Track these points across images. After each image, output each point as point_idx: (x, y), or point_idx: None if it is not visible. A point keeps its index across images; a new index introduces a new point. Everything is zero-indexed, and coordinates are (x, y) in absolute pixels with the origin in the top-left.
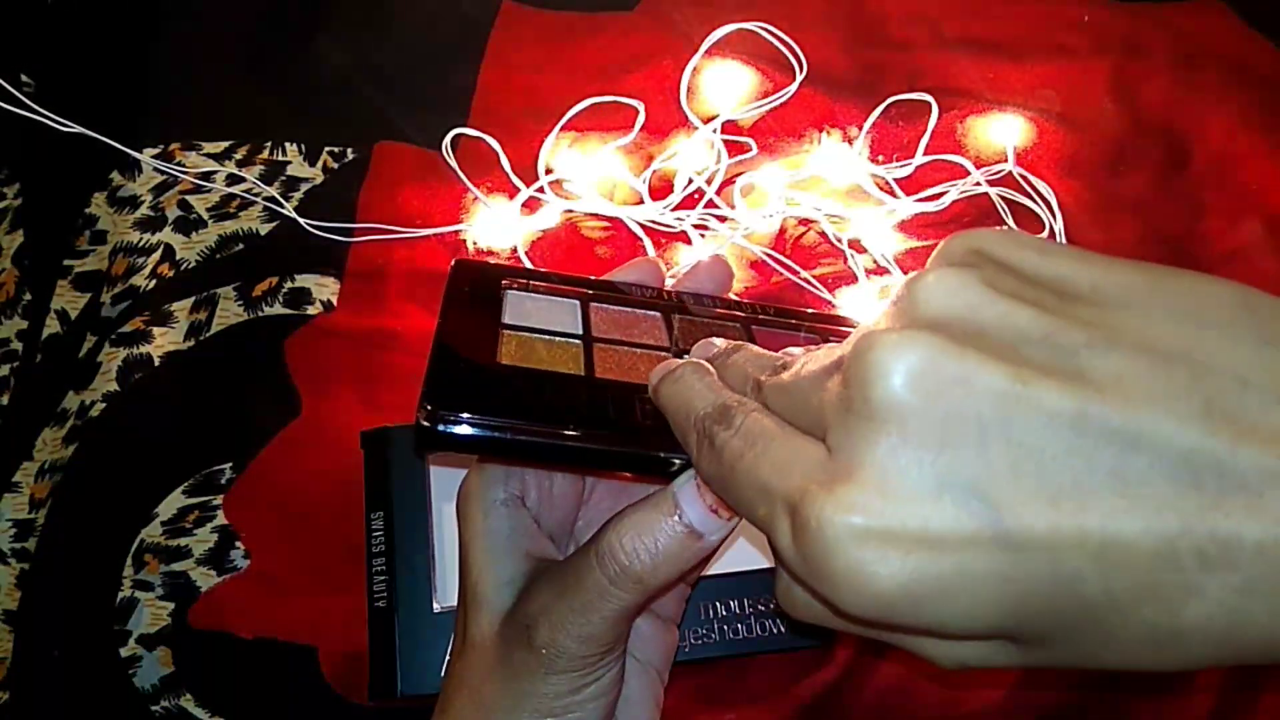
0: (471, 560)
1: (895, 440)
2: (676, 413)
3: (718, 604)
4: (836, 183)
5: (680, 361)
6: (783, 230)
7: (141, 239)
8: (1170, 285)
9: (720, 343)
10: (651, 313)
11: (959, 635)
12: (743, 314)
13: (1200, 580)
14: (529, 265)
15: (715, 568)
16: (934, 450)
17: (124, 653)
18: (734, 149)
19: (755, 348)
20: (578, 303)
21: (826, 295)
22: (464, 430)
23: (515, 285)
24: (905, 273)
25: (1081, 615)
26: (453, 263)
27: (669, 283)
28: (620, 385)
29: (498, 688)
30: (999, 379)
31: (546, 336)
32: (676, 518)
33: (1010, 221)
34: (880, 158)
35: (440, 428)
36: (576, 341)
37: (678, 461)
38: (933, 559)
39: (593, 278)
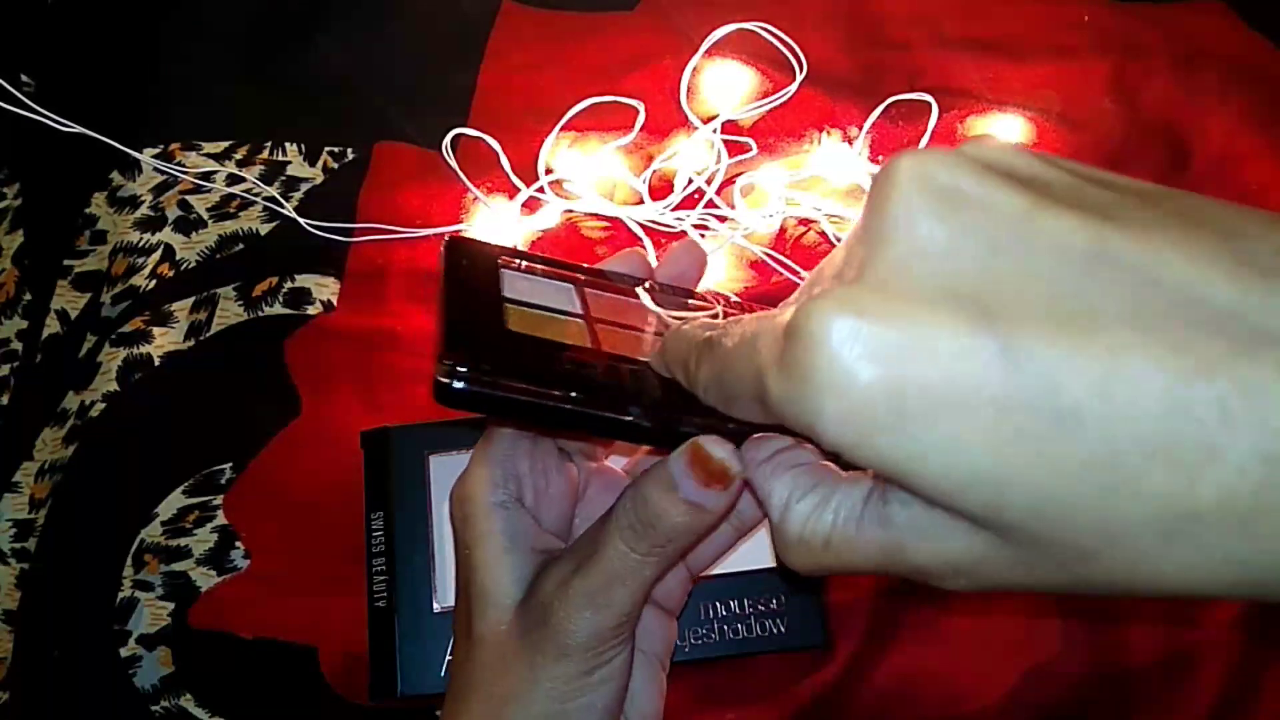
0: (477, 562)
1: (906, 248)
2: (678, 351)
3: (718, 604)
4: (836, 183)
5: (692, 315)
6: (783, 230)
7: (141, 239)
8: (1199, 196)
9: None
10: (639, 302)
11: (941, 491)
12: (723, 308)
13: (1221, 439)
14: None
15: (715, 568)
16: (942, 260)
17: (124, 653)
18: (734, 149)
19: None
20: (572, 287)
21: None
22: (483, 390)
23: (510, 265)
24: None
25: (1081, 481)
26: (445, 239)
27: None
28: (630, 359)
29: (512, 679)
30: (1018, 201)
31: (548, 313)
32: (676, 492)
33: None
34: (880, 158)
35: (459, 385)
36: (579, 320)
37: (691, 431)
38: (924, 364)
39: (584, 265)
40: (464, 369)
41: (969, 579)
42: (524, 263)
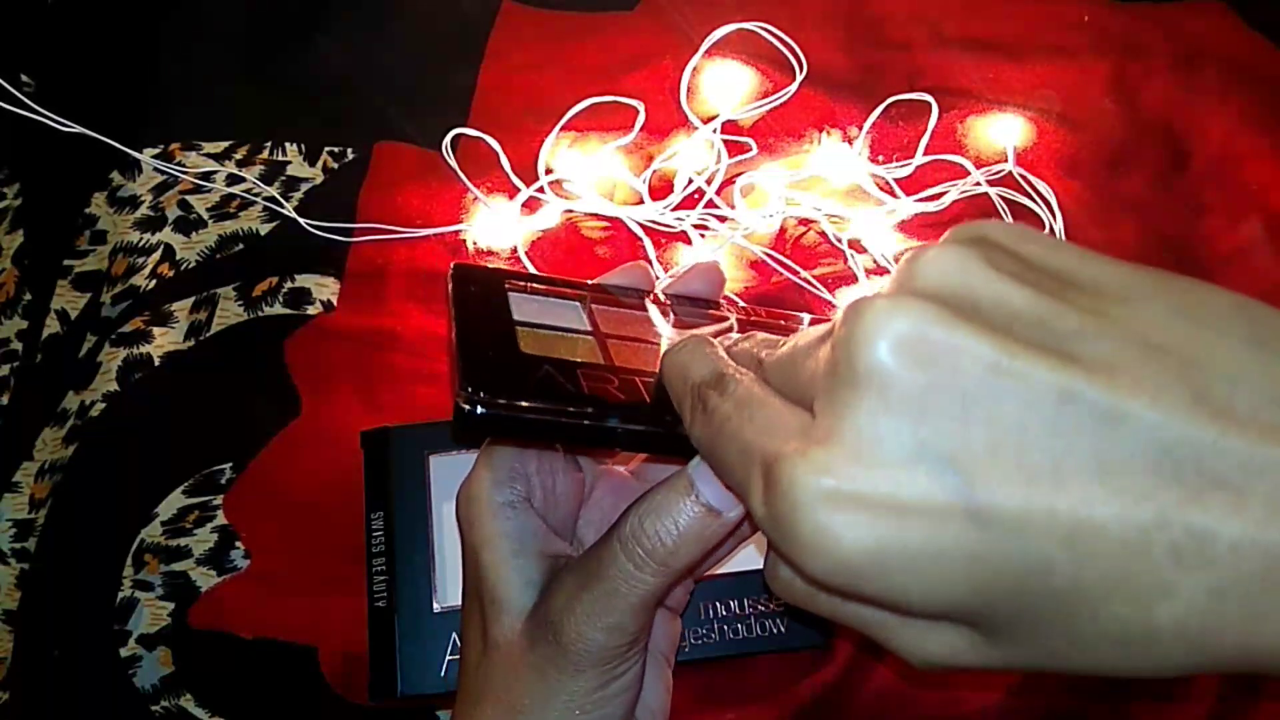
0: (486, 564)
1: (876, 406)
2: (675, 379)
3: (718, 604)
4: (836, 183)
5: (689, 334)
6: (783, 230)
7: (141, 239)
8: (1169, 285)
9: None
10: (646, 314)
11: (925, 613)
12: (735, 317)
13: (1173, 577)
14: (529, 265)
15: (716, 568)
16: (914, 419)
17: (124, 653)
18: (734, 149)
19: (766, 334)
20: (579, 304)
21: (826, 295)
22: (506, 414)
23: (515, 288)
24: None
25: (1050, 606)
26: (451, 266)
27: (661, 284)
28: (642, 371)
29: (526, 689)
30: (987, 351)
31: (559, 332)
32: (694, 497)
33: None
34: (880, 158)
35: (481, 410)
36: (590, 337)
37: None
38: (902, 528)
39: (587, 281)
40: (484, 398)
41: (945, 663)
42: (530, 284)
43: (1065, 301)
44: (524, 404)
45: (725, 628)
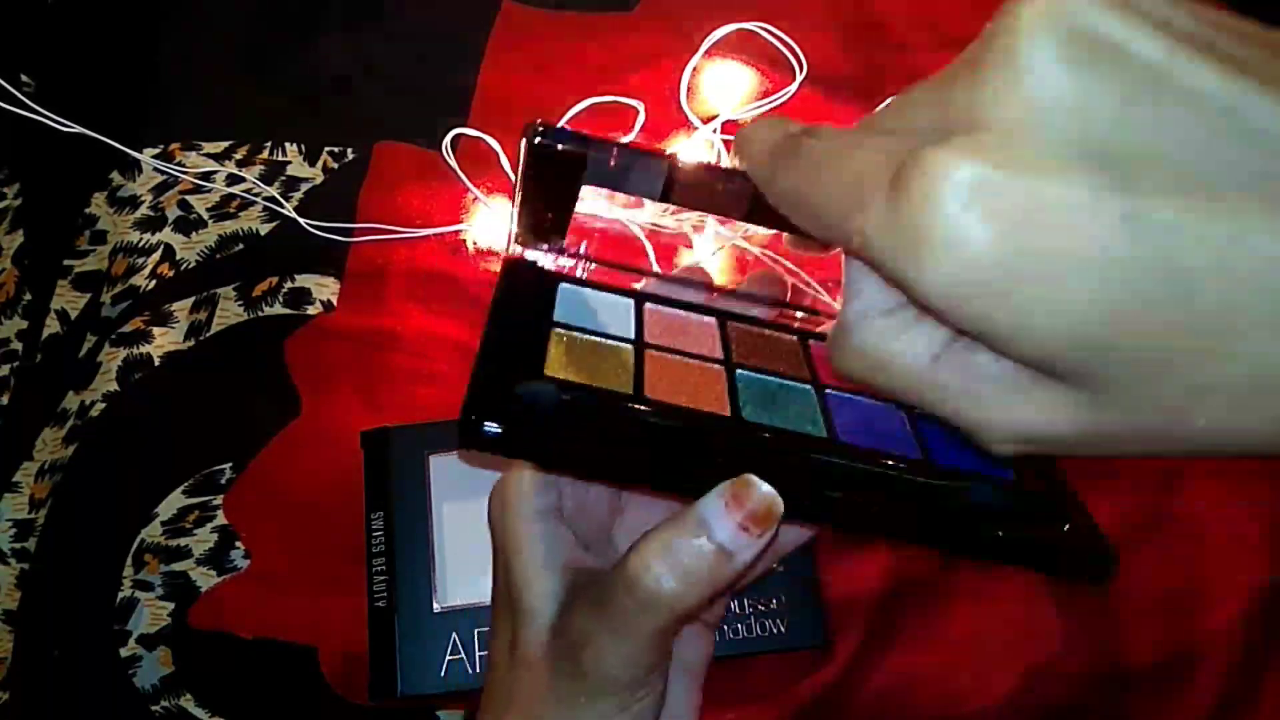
0: (515, 573)
1: (1032, 96)
2: (757, 145)
3: None
4: None
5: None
6: None
7: (141, 239)
8: None
9: None
10: (706, 318)
11: (1038, 352)
12: (798, 330)
13: None
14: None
15: None
16: (1070, 115)
17: (124, 653)
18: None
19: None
20: (632, 301)
21: (825, 297)
22: (503, 441)
23: (571, 280)
24: None
25: (1182, 341)
26: (504, 260)
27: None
28: (667, 409)
29: (548, 703)
30: (1156, 50)
31: (596, 338)
32: (705, 538)
33: None
34: None
35: (485, 429)
36: (628, 346)
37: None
38: (1045, 228)
39: (656, 271)
40: (486, 423)
41: (1033, 440)
42: (591, 267)
43: (1231, 33)
44: (528, 444)
45: (725, 628)
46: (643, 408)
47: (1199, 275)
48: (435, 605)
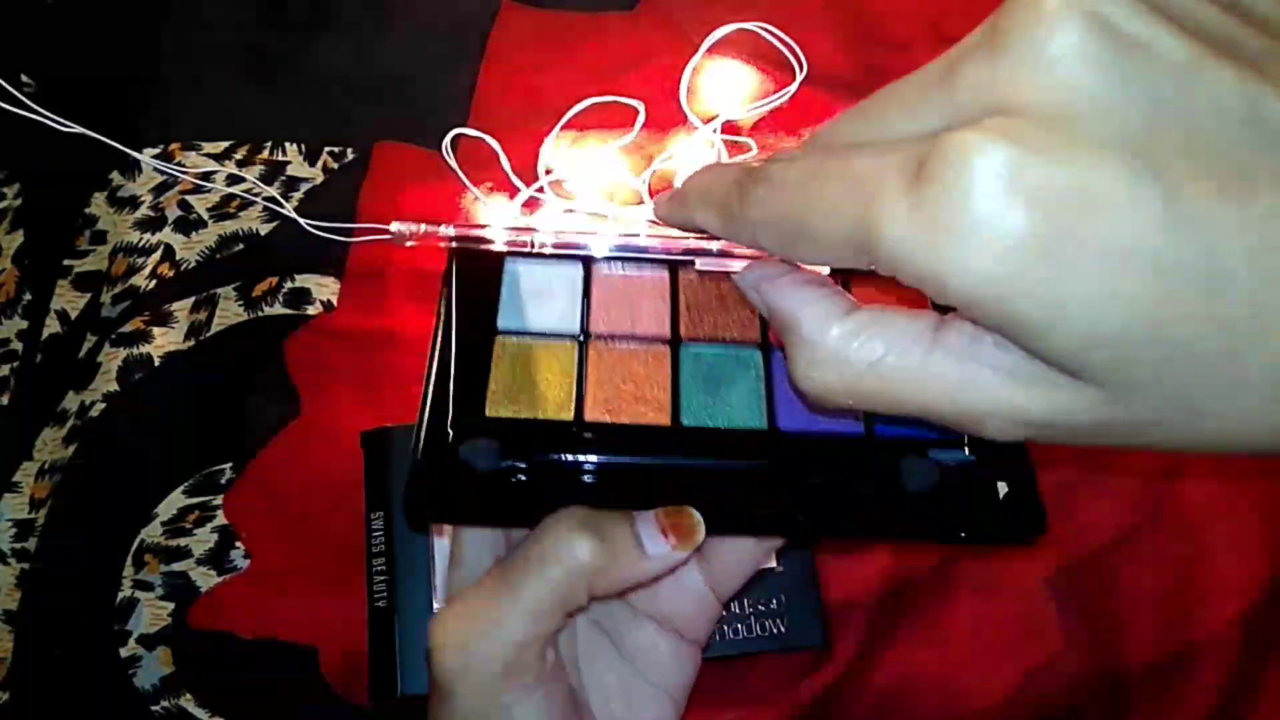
0: (457, 540)
1: (1062, 85)
2: (712, 189)
3: None
4: None
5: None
6: None
7: (141, 239)
8: None
9: None
10: (659, 273)
11: (1062, 345)
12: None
13: None
14: None
15: None
16: (1103, 105)
17: (124, 653)
18: (734, 149)
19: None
20: (580, 268)
21: None
22: (447, 518)
23: (520, 253)
24: None
25: (1211, 339)
26: (448, 254)
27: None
28: (605, 437)
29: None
30: (1182, 49)
31: (540, 340)
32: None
33: None
34: None
35: (428, 514)
36: (570, 343)
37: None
38: (1081, 216)
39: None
40: (429, 514)
41: (1044, 430)
42: (534, 243)
43: (1251, 26)
44: (470, 510)
45: (725, 628)
46: (582, 459)
47: (1235, 271)
48: (435, 605)
